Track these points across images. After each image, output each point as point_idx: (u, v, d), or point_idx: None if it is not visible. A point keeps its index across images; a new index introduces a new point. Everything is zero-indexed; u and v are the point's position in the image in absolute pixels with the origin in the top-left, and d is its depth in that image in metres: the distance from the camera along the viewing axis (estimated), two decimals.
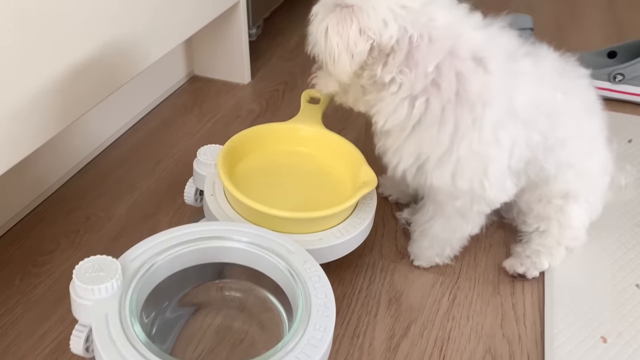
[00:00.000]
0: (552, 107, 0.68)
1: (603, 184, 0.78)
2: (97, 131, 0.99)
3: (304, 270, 0.57)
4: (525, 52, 0.67)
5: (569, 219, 0.74)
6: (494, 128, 0.64)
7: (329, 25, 0.60)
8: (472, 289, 0.76)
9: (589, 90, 0.74)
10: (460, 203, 0.69)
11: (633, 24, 1.46)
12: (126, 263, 0.55)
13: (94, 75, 0.76)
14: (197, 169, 0.74)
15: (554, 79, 0.69)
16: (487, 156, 0.65)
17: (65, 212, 0.87)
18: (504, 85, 0.64)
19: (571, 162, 0.72)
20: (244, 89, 1.19)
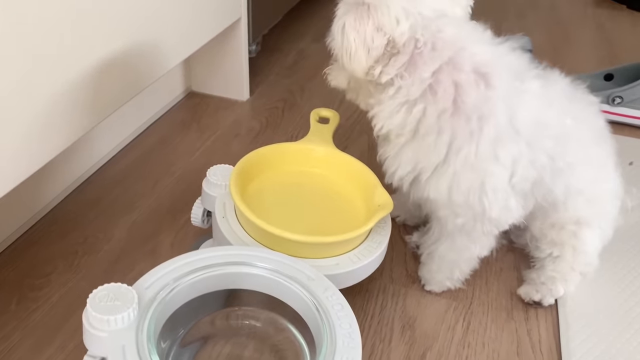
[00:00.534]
0: (560, 131, 0.67)
1: (614, 209, 0.77)
2: (93, 149, 0.95)
3: (326, 299, 0.55)
4: (536, 74, 0.67)
5: (583, 244, 0.74)
6: (493, 143, 0.63)
7: (346, 22, 0.61)
8: (485, 315, 0.75)
9: (598, 117, 0.74)
10: (461, 221, 0.68)
11: (624, 46, 1.48)
12: (141, 291, 0.53)
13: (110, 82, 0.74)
14: (207, 189, 0.71)
15: (564, 103, 0.69)
16: (485, 171, 0.64)
17: (61, 233, 0.84)
18: (506, 101, 0.63)
19: (580, 188, 0.72)
20: (242, 105, 1.17)
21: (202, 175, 0.75)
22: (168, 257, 0.80)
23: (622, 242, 0.86)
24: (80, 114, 0.73)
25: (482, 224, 0.68)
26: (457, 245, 0.72)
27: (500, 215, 0.67)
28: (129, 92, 0.82)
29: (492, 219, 0.67)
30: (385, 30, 0.61)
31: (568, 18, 1.64)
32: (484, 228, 0.69)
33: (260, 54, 1.29)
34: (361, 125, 1.11)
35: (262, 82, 1.25)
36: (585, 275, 0.76)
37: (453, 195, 0.65)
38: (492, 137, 0.63)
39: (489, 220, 0.68)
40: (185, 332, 0.60)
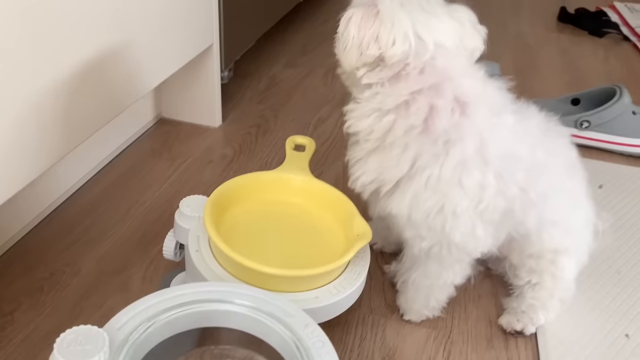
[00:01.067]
0: (532, 163, 0.68)
1: (589, 236, 0.78)
2: (60, 178, 0.92)
3: (306, 336, 0.53)
4: (513, 110, 0.68)
5: (562, 271, 0.74)
6: (457, 169, 0.63)
7: (353, 16, 0.61)
8: (465, 343, 0.74)
9: (570, 149, 0.75)
10: (426, 244, 0.68)
11: (587, 70, 1.52)
12: (112, 332, 0.50)
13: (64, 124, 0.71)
14: (180, 222, 0.69)
15: (538, 137, 0.69)
16: (445, 195, 0.64)
17: (26, 268, 0.80)
18: (477, 131, 0.64)
19: (554, 219, 0.72)
20: (215, 132, 1.15)
21: (174, 205, 0.73)
22: (139, 291, 0.78)
23: (596, 266, 0.87)
24: (49, 144, 0.70)
25: (448, 250, 0.68)
26: (430, 272, 0.72)
27: (466, 241, 0.67)
28: (99, 121, 0.80)
29: (456, 244, 0.67)
30: (380, 44, 0.61)
31: (534, 43, 1.68)
32: (452, 254, 0.68)
33: (233, 80, 1.28)
34: (336, 149, 1.10)
35: (234, 107, 1.23)
36: (564, 301, 0.77)
37: (412, 213, 0.65)
38: (457, 163, 0.63)
39: (454, 246, 0.67)
40: None
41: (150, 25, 0.87)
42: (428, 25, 0.61)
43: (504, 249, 0.75)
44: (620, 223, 0.97)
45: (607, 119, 1.15)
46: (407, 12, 0.61)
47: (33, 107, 0.66)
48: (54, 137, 0.71)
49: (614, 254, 0.89)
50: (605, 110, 1.14)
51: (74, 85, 0.73)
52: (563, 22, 1.83)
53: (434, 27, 0.61)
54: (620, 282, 0.85)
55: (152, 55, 0.90)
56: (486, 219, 0.66)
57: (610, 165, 1.14)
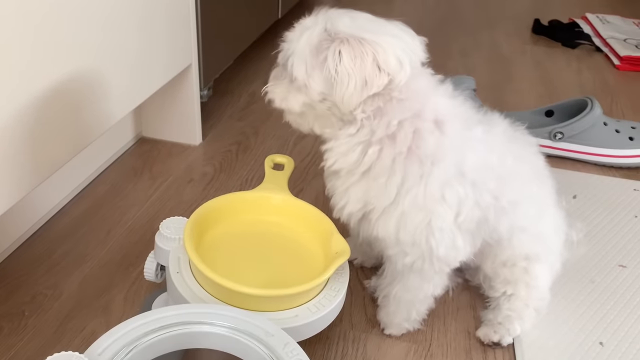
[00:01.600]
0: (502, 171, 0.70)
1: (559, 244, 0.80)
2: (40, 200, 0.92)
3: (285, 354, 0.54)
4: (478, 120, 0.70)
5: (535, 279, 0.76)
6: (441, 186, 0.65)
7: (343, 52, 0.59)
8: (445, 356, 0.76)
9: (538, 157, 0.77)
10: (410, 259, 0.69)
11: (561, 82, 1.56)
12: (93, 357, 0.51)
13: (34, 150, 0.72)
14: (160, 243, 0.70)
15: (505, 144, 0.71)
16: (431, 212, 0.66)
17: (6, 292, 0.80)
18: (455, 147, 0.66)
19: (523, 226, 0.74)
20: (195, 150, 1.16)
21: (155, 225, 0.73)
22: (121, 313, 0.78)
23: (571, 275, 0.89)
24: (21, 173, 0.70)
25: (430, 263, 0.69)
26: (411, 285, 0.73)
27: (448, 253, 0.68)
28: (77, 145, 0.80)
29: (440, 257, 0.69)
30: (389, 70, 0.60)
31: (508, 56, 1.71)
32: (434, 267, 0.70)
33: (212, 98, 1.29)
34: (316, 165, 1.12)
35: (214, 125, 1.24)
36: (539, 310, 0.78)
37: (400, 234, 0.67)
38: (441, 180, 0.65)
39: (437, 259, 0.69)
40: None
41: (128, 48, 0.88)
42: (397, 46, 0.62)
43: (478, 257, 0.76)
44: (594, 232, 0.99)
45: (579, 130, 1.18)
46: (380, 34, 0.62)
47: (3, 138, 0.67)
48: (29, 164, 0.72)
49: (587, 263, 0.92)
50: (577, 122, 1.17)
51: (48, 109, 0.73)
52: (537, 34, 1.88)
53: (401, 47, 0.62)
54: (594, 291, 0.87)
55: (131, 76, 0.91)
56: (464, 229, 0.68)
57: (584, 175, 1.16)
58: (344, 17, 0.63)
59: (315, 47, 0.62)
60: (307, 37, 0.62)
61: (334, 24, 0.62)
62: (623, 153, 1.18)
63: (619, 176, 1.16)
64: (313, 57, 0.62)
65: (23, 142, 0.69)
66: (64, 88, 0.75)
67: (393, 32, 0.63)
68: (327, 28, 0.62)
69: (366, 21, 0.63)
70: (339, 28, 0.61)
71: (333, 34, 0.61)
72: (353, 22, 0.62)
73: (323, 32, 0.62)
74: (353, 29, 0.61)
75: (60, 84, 0.74)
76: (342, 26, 0.62)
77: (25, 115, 0.69)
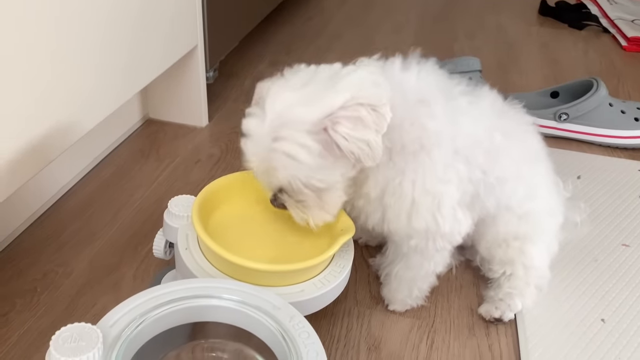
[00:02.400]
0: (490, 146, 0.69)
1: (552, 226, 0.80)
2: (49, 181, 0.94)
3: (292, 327, 0.56)
4: (461, 91, 0.69)
5: (531, 260, 0.76)
6: (444, 167, 0.66)
7: (340, 131, 0.58)
8: (448, 332, 0.77)
9: (533, 136, 0.77)
10: (414, 242, 0.71)
11: (567, 63, 1.55)
12: (105, 329, 0.52)
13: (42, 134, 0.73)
14: (169, 221, 0.71)
15: (493, 119, 0.71)
16: (440, 193, 0.66)
17: (18, 270, 0.82)
18: (448, 126, 0.66)
19: (510, 205, 0.74)
20: (201, 132, 1.17)
21: (163, 205, 0.75)
22: (130, 289, 0.80)
23: (574, 255, 0.90)
24: (34, 150, 0.72)
25: (434, 241, 0.70)
26: (412, 264, 0.74)
27: (452, 228, 0.69)
28: (86, 124, 0.81)
29: (445, 234, 0.69)
30: (380, 99, 0.59)
31: (514, 38, 1.71)
32: (436, 245, 0.71)
33: (218, 80, 1.30)
34: None
35: (220, 107, 1.25)
36: (541, 288, 0.79)
37: (413, 222, 0.67)
38: (443, 161, 0.66)
39: (441, 236, 0.70)
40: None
41: (135, 29, 0.89)
42: (357, 81, 0.61)
43: (472, 237, 0.77)
44: (598, 212, 1.00)
45: (584, 111, 1.18)
46: (336, 85, 0.60)
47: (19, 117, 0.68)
48: (43, 142, 0.73)
49: (591, 242, 0.93)
50: (582, 102, 1.17)
51: (58, 87, 0.74)
52: (544, 15, 1.87)
53: (359, 77, 0.61)
54: (597, 269, 0.88)
55: (137, 57, 0.91)
56: (462, 204, 0.69)
57: (589, 156, 1.17)
58: (284, 104, 0.60)
59: (318, 152, 0.60)
60: (296, 152, 0.59)
61: (290, 121, 0.59)
62: (628, 134, 1.18)
63: (623, 157, 1.16)
64: (321, 159, 0.60)
65: (36, 123, 0.71)
66: (69, 68, 0.75)
67: (337, 77, 0.62)
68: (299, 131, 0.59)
69: (303, 90, 0.61)
70: (303, 117, 0.59)
71: (314, 128, 0.59)
72: (299, 103, 0.60)
73: (308, 135, 0.59)
74: (311, 108, 0.59)
75: (66, 64, 0.75)
76: (300, 113, 0.59)
77: (40, 94, 0.70)
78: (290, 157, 0.60)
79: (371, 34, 1.67)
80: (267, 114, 0.60)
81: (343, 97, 0.59)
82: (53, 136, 0.74)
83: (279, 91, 0.61)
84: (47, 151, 0.74)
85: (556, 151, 1.17)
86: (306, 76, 0.63)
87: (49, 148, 0.74)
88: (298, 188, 0.62)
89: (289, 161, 0.60)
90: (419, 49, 0.69)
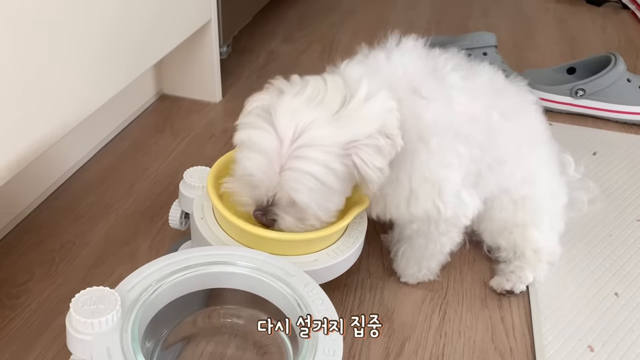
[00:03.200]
0: (487, 125, 0.68)
1: (556, 208, 0.79)
2: (65, 155, 0.95)
3: (306, 294, 0.56)
4: (452, 67, 0.67)
5: (537, 243, 0.76)
6: (444, 152, 0.65)
7: (364, 158, 0.59)
8: (460, 304, 0.77)
9: (535, 116, 0.75)
10: (416, 226, 0.71)
11: (584, 40, 1.53)
12: (123, 293, 0.53)
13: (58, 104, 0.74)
14: (184, 191, 0.72)
15: (490, 97, 0.69)
16: (440, 179, 0.66)
17: (37, 241, 0.83)
18: (444, 109, 0.65)
19: (508, 187, 0.73)
20: (215, 107, 1.17)
21: (177, 178, 0.75)
22: (146, 260, 0.80)
23: (588, 230, 0.89)
24: (48, 123, 0.72)
25: (436, 226, 0.70)
26: (416, 245, 0.75)
27: (456, 212, 0.69)
28: (101, 97, 0.82)
29: (448, 219, 0.69)
30: (393, 128, 0.60)
31: (530, 14, 1.68)
32: (439, 229, 0.71)
33: (231, 55, 1.30)
34: None
35: (233, 83, 1.25)
36: (553, 263, 0.79)
37: (412, 209, 0.67)
38: (443, 146, 0.64)
39: (444, 221, 0.69)
40: (168, 332, 0.60)
41: (149, 2, 0.89)
42: (370, 107, 0.60)
43: (475, 225, 0.77)
44: (614, 188, 0.99)
45: (601, 86, 1.16)
46: (354, 114, 0.60)
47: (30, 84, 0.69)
48: (60, 109, 0.74)
49: (605, 217, 0.92)
50: (600, 78, 1.16)
51: (74, 64, 0.75)
52: None
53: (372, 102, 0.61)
54: (611, 244, 0.87)
55: (152, 31, 0.91)
56: (466, 184, 0.68)
57: (605, 132, 1.16)
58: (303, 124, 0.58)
59: (343, 175, 0.60)
60: (323, 173, 0.59)
61: (316, 142, 0.58)
62: None
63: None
64: (342, 182, 0.61)
65: (50, 95, 0.71)
66: (82, 40, 0.76)
67: (354, 99, 0.60)
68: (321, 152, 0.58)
69: (318, 105, 0.60)
70: (331, 140, 0.58)
71: (339, 150, 0.59)
72: (323, 125, 0.58)
73: (329, 157, 0.58)
74: (339, 131, 0.59)
75: (79, 36, 0.75)
76: (327, 135, 0.58)
77: (60, 64, 0.71)
78: (315, 178, 0.58)
79: (386, 10, 1.65)
80: (285, 131, 0.58)
81: (372, 126, 0.59)
82: (67, 109, 0.75)
83: (292, 108, 0.59)
84: (62, 124, 0.74)
85: (572, 128, 1.16)
86: (315, 92, 0.60)
87: (63, 121, 0.74)
88: (311, 208, 0.61)
89: (312, 182, 0.58)
90: (432, 25, 0.68)
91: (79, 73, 0.76)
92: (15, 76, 0.65)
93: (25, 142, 0.68)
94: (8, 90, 0.64)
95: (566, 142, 0.83)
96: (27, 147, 0.69)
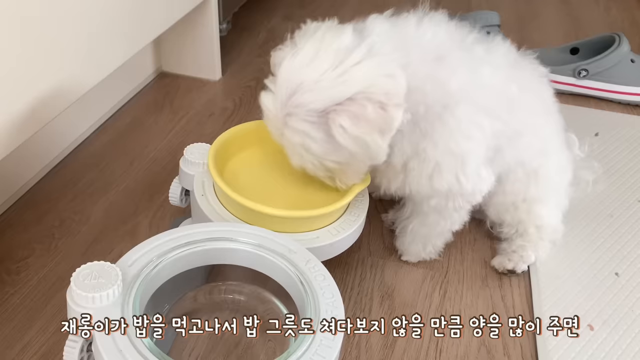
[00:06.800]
0: (507, 97, 0.67)
1: (562, 183, 0.79)
2: (65, 131, 0.94)
3: (308, 270, 0.56)
4: (475, 39, 0.67)
5: (541, 219, 0.76)
6: (467, 123, 0.64)
7: (342, 123, 0.56)
8: (461, 283, 0.77)
9: (547, 88, 0.75)
10: (435, 201, 0.70)
11: (588, 20, 1.52)
12: (124, 268, 0.53)
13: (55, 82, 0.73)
14: (185, 168, 0.71)
15: (508, 69, 0.69)
16: (464, 152, 0.65)
17: (37, 217, 0.83)
18: (469, 79, 0.64)
19: (523, 160, 0.72)
20: (214, 85, 1.16)
21: (177, 156, 0.75)
22: (146, 237, 0.79)
23: (590, 210, 0.89)
24: (46, 99, 0.71)
25: (454, 200, 0.69)
26: (428, 222, 0.74)
27: (475, 187, 0.68)
28: (101, 71, 0.81)
29: (467, 193, 0.68)
30: (393, 99, 0.56)
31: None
32: (456, 204, 0.70)
33: (231, 33, 1.28)
34: None
35: (233, 61, 1.24)
36: (555, 242, 0.79)
37: (435, 183, 0.66)
38: (466, 118, 0.64)
39: (461, 195, 0.69)
40: (169, 308, 0.60)
41: None
42: (372, 67, 0.57)
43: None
44: (615, 169, 0.99)
45: (605, 67, 1.15)
46: (348, 73, 0.57)
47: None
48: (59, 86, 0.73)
49: (607, 198, 0.92)
50: (603, 58, 1.15)
51: (75, 39, 0.73)
52: None
53: (375, 62, 0.58)
54: (613, 224, 0.87)
55: (150, 6, 0.90)
56: (485, 160, 0.67)
57: (608, 113, 1.15)
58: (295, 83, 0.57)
59: (323, 139, 0.58)
60: (303, 139, 0.58)
61: (297, 107, 0.57)
62: None
63: None
64: (328, 144, 0.59)
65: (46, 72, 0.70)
66: (76, 16, 0.74)
67: (347, 58, 0.57)
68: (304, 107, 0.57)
69: (314, 66, 0.57)
70: (308, 105, 0.57)
71: (318, 118, 0.57)
72: (306, 87, 0.57)
73: (308, 114, 0.57)
74: (317, 96, 0.56)
75: (73, 12, 0.74)
76: (306, 100, 0.57)
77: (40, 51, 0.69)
78: (300, 146, 0.59)
79: None
80: (278, 94, 0.59)
81: (353, 89, 0.56)
82: (63, 86, 0.74)
83: (288, 67, 0.58)
84: (59, 101, 0.73)
85: (574, 108, 1.15)
86: (313, 47, 0.58)
87: (60, 98, 0.73)
88: (314, 168, 0.62)
89: (299, 149, 0.60)
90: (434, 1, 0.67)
91: (77, 46, 0.74)
92: (13, 48, 0.64)
93: (25, 109, 0.67)
94: (6, 56, 0.63)
95: (568, 123, 0.82)
96: (28, 117, 0.67)
